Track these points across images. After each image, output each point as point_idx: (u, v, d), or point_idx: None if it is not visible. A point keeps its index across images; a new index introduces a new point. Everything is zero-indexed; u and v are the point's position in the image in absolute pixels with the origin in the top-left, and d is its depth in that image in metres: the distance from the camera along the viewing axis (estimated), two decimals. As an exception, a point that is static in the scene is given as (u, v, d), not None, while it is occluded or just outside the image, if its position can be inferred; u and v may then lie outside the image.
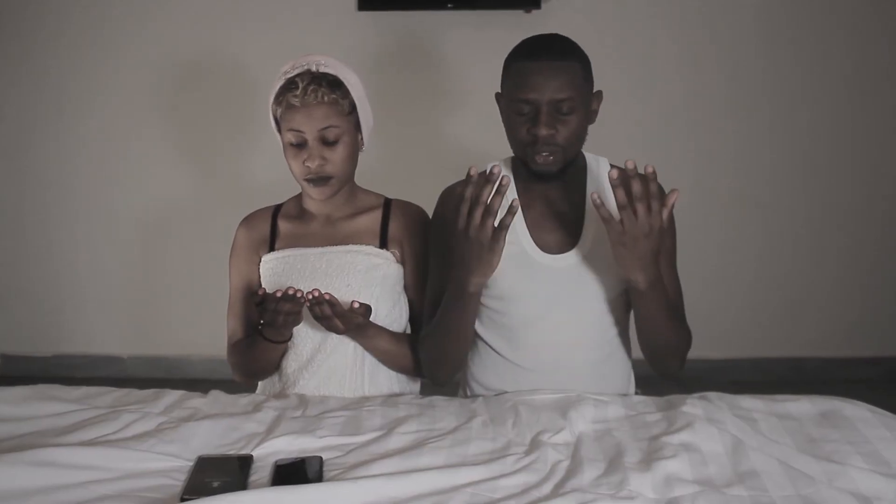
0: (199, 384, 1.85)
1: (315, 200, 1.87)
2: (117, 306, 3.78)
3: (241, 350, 1.92)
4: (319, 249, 1.86)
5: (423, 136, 3.54)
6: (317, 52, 1.84)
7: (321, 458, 1.36)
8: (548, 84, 1.61)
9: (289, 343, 1.85)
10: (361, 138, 1.86)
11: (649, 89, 3.47)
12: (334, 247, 1.86)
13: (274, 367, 1.88)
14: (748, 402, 1.57)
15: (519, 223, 1.75)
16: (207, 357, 3.70)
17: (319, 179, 1.79)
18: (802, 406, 1.56)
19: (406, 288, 1.91)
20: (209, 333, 3.71)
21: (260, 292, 1.73)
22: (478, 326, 1.84)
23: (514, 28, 3.05)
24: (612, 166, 1.80)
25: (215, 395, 1.69)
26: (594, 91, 1.72)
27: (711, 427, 1.42)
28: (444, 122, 3.50)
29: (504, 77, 1.71)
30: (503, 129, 1.74)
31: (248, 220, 1.97)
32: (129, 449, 1.38)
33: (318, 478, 1.30)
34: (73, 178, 3.67)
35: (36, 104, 3.65)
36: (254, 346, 1.84)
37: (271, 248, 1.91)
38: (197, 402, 1.64)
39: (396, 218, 1.90)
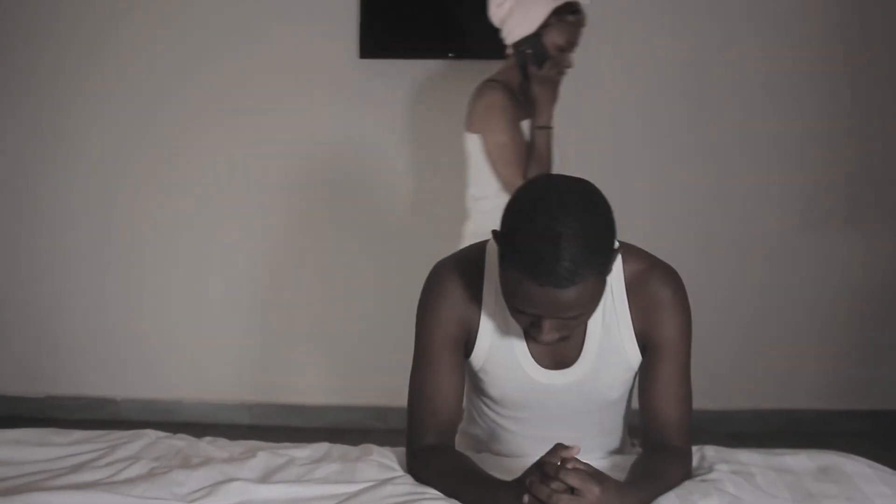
0: (192, 428, 1.84)
1: None
2: (111, 348, 3.76)
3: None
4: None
5: (425, 185, 3.55)
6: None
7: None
8: (551, 307, 1.31)
9: None
10: None
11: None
12: None
13: None
14: (746, 455, 1.55)
15: (514, 332, 1.50)
16: (201, 401, 3.69)
17: None
18: (801, 460, 1.55)
19: None
20: (204, 378, 3.71)
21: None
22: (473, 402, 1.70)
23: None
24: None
25: (209, 440, 1.68)
26: (613, 249, 1.36)
27: (707, 486, 1.41)
28: (446, 169, 3.52)
29: (499, 255, 1.36)
30: None
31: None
32: (120, 494, 1.36)
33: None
34: (66, 217, 3.68)
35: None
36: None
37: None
38: (191, 447, 1.62)
39: None
